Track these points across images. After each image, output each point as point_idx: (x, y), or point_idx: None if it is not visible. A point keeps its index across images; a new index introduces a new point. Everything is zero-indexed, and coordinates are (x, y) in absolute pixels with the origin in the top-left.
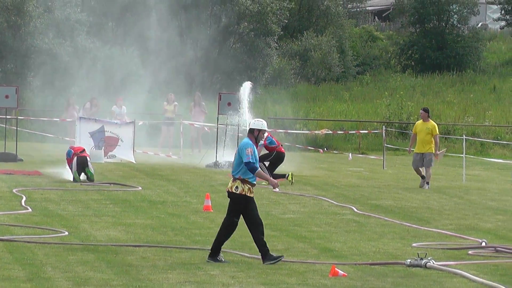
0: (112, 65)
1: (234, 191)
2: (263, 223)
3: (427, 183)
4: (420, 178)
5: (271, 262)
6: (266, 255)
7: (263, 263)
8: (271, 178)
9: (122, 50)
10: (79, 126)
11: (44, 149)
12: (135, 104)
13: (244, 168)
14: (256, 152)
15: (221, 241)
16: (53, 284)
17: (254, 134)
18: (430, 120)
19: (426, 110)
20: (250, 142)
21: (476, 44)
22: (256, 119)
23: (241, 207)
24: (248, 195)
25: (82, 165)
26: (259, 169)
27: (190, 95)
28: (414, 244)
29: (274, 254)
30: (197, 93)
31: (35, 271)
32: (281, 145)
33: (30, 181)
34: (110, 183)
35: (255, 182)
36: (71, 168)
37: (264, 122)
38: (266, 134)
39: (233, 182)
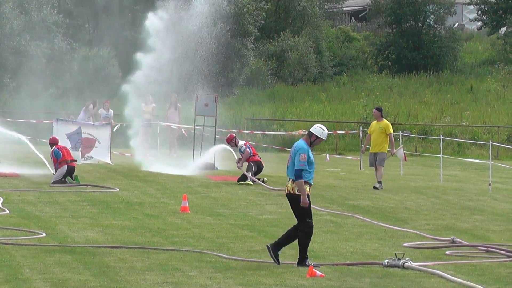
0: (89, 66)
1: (297, 192)
2: (241, 224)
3: (379, 182)
4: (378, 181)
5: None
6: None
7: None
8: (306, 195)
9: (99, 51)
10: (56, 127)
11: (22, 151)
12: (112, 106)
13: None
14: (311, 157)
15: (306, 246)
16: (30, 285)
17: (311, 139)
18: (384, 119)
19: (379, 109)
20: (306, 146)
21: (453, 44)
22: (319, 125)
23: (303, 207)
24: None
25: (70, 173)
26: (303, 180)
27: (167, 96)
28: (405, 244)
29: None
30: (173, 94)
31: (12, 272)
32: (258, 155)
33: (7, 182)
34: (87, 185)
35: (312, 183)
36: (56, 168)
37: (326, 132)
38: (243, 142)
39: (293, 183)
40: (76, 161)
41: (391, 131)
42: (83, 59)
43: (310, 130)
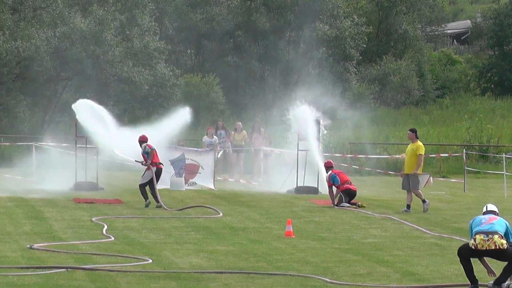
0: (193, 93)
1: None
2: (345, 248)
3: (408, 205)
4: (421, 202)
5: None
6: None
7: None
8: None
9: (204, 78)
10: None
11: (124, 178)
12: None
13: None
14: None
15: None
16: None
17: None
18: (418, 141)
19: (412, 131)
20: None
21: None
22: (489, 204)
23: None
24: None
25: (157, 175)
26: None
27: (265, 122)
28: None
29: None
30: (257, 120)
31: None
32: (350, 182)
33: (111, 209)
34: (193, 206)
35: None
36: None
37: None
38: (330, 172)
39: (501, 239)
40: (162, 164)
41: (421, 152)
42: (186, 85)
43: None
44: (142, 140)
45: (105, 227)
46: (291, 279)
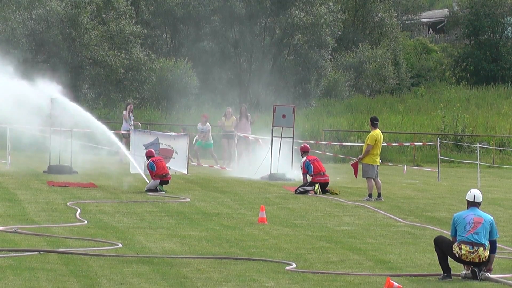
0: (167, 77)
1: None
2: (318, 235)
3: (378, 194)
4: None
5: None
6: None
7: None
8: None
9: (177, 62)
10: (134, 137)
11: (99, 162)
12: (188, 116)
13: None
14: None
15: None
16: None
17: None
18: (373, 129)
19: (370, 119)
20: None
21: None
22: (475, 191)
23: None
24: None
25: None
26: None
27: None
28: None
29: None
30: (243, 105)
31: (90, 283)
32: (323, 173)
33: (84, 193)
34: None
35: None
36: (152, 177)
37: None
38: (304, 158)
39: (485, 252)
40: (169, 174)
41: (368, 142)
42: (161, 70)
43: (479, 200)
44: (148, 155)
45: (79, 210)
46: (264, 265)
